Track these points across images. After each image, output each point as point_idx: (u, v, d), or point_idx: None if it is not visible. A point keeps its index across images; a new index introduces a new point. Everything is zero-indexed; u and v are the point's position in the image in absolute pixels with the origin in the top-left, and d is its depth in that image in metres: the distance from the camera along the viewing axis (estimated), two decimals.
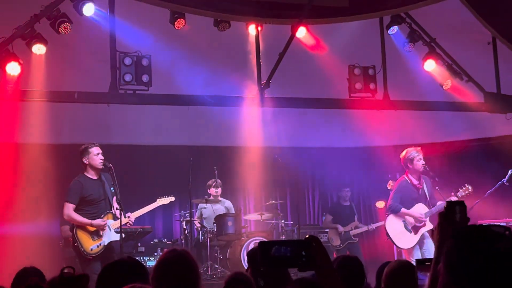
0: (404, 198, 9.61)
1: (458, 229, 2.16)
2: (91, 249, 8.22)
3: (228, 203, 11.95)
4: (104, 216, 8.36)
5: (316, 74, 10.99)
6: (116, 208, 8.37)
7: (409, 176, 9.63)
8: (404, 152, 9.67)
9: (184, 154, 12.05)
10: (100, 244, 8.27)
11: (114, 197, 8.55)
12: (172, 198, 9.96)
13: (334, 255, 11.05)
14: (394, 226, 9.64)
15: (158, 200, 9.68)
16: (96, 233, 8.31)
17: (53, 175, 11.16)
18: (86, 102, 9.80)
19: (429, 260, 2.71)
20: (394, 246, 10.46)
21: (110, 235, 8.40)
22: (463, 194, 9.48)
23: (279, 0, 9.70)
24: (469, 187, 9.53)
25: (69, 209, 8.33)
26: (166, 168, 12.69)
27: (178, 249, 3.90)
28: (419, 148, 9.64)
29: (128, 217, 8.59)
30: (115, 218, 8.43)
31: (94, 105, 10.21)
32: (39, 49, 8.91)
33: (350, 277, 4.36)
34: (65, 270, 3.07)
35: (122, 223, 8.35)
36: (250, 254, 5.19)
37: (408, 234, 9.53)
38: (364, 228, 12.39)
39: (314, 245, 2.41)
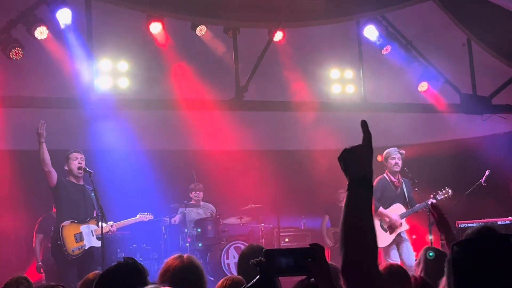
0: (382, 195, 9.59)
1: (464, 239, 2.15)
2: (73, 251, 8.25)
3: (210, 207, 11.90)
4: (89, 221, 8.32)
5: (293, 77, 11.00)
6: (97, 214, 8.34)
7: (388, 173, 9.64)
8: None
9: (162, 158, 12.00)
10: (81, 247, 8.31)
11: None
12: (151, 216, 10.21)
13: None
14: None
15: (138, 215, 9.91)
16: (80, 236, 8.32)
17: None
18: (63, 108, 9.73)
19: None
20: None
21: (92, 240, 8.41)
22: (442, 197, 9.46)
23: (256, 4, 9.70)
24: (449, 191, 9.51)
25: None
26: (144, 173, 12.61)
27: (184, 255, 3.85)
28: (403, 152, 9.61)
29: (112, 225, 8.62)
30: (98, 224, 8.41)
31: (71, 111, 10.15)
32: (16, 53, 8.85)
33: None
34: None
35: (105, 230, 8.42)
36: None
37: (383, 233, 9.49)
38: None
39: (318, 252, 2.40)
